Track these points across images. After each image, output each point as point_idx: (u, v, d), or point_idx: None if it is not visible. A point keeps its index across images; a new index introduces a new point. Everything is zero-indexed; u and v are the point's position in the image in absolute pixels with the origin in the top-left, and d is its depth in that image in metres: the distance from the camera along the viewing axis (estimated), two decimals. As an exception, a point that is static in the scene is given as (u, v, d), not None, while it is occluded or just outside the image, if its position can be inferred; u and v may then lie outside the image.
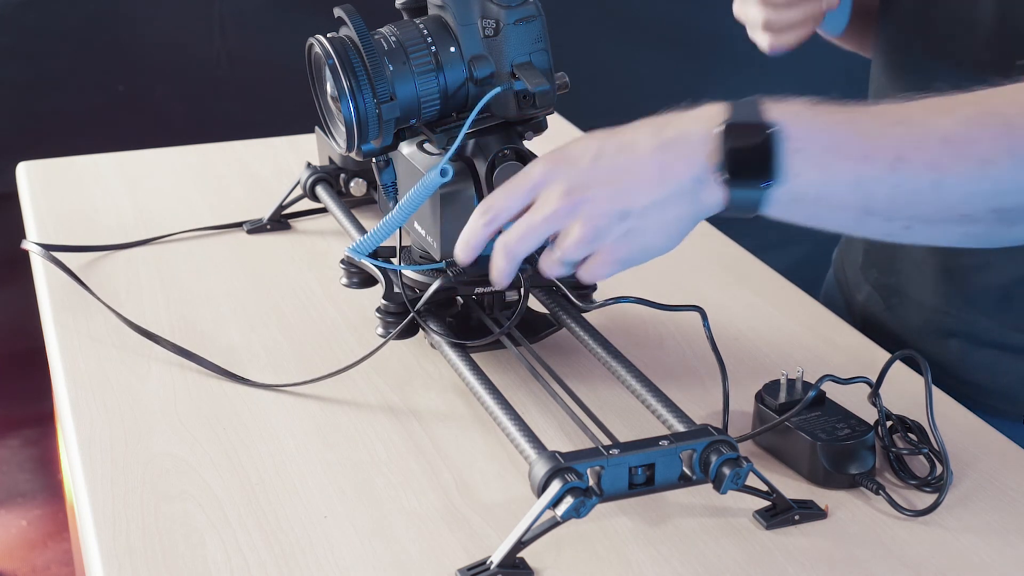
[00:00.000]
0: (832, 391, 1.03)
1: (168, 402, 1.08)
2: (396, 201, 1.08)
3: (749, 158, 0.82)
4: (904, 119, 0.84)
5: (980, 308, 1.18)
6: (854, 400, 1.03)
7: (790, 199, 0.83)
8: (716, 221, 1.12)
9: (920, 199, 0.83)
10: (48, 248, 1.32)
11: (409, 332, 1.10)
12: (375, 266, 1.11)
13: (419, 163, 1.07)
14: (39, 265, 1.32)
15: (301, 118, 1.58)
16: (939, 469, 0.98)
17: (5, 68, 2.57)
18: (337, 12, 1.02)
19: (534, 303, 1.15)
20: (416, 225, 1.11)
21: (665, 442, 0.88)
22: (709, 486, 0.90)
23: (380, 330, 1.11)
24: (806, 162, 0.83)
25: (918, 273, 1.22)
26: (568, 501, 0.84)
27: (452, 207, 1.05)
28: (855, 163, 0.83)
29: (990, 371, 1.18)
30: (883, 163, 0.82)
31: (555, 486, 0.85)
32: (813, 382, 1.01)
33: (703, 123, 0.84)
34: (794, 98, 0.85)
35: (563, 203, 0.85)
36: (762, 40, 1.20)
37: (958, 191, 0.83)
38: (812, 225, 0.86)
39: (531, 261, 1.07)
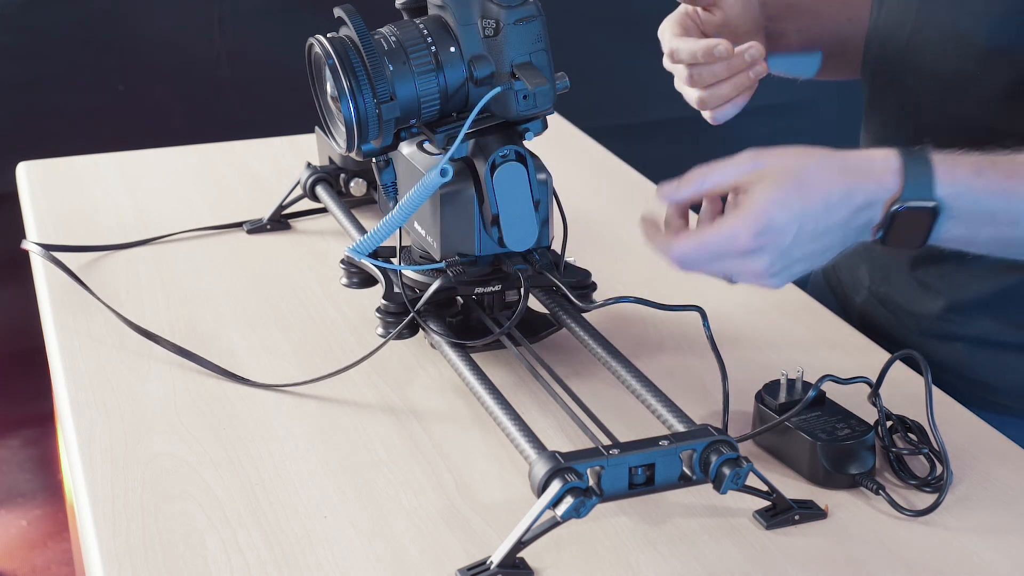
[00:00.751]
0: (832, 391, 1.02)
1: (168, 402, 1.08)
2: (396, 201, 1.08)
3: (909, 235, 0.95)
4: None
5: (979, 312, 1.18)
6: (854, 400, 1.03)
7: (934, 243, 0.96)
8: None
9: None
10: (48, 248, 1.32)
11: (409, 332, 1.10)
12: (375, 266, 1.11)
13: (419, 163, 1.07)
14: (39, 265, 1.32)
15: (301, 118, 1.58)
16: (939, 469, 0.98)
17: (5, 68, 2.57)
18: (337, 12, 1.02)
19: (534, 303, 1.15)
20: (416, 225, 1.11)
21: (665, 442, 0.88)
22: (709, 486, 0.90)
23: (380, 330, 1.11)
24: (958, 226, 0.95)
25: (910, 288, 1.22)
26: (568, 501, 0.84)
27: (452, 207, 1.05)
28: (1003, 227, 0.96)
29: (997, 370, 1.18)
30: None
31: (555, 486, 0.85)
32: (813, 382, 1.01)
33: (883, 191, 0.94)
34: (961, 156, 0.95)
35: (764, 271, 0.94)
36: (705, 113, 1.22)
37: None
38: None
39: (531, 262, 1.08)
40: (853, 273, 1.31)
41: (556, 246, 1.11)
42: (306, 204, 1.43)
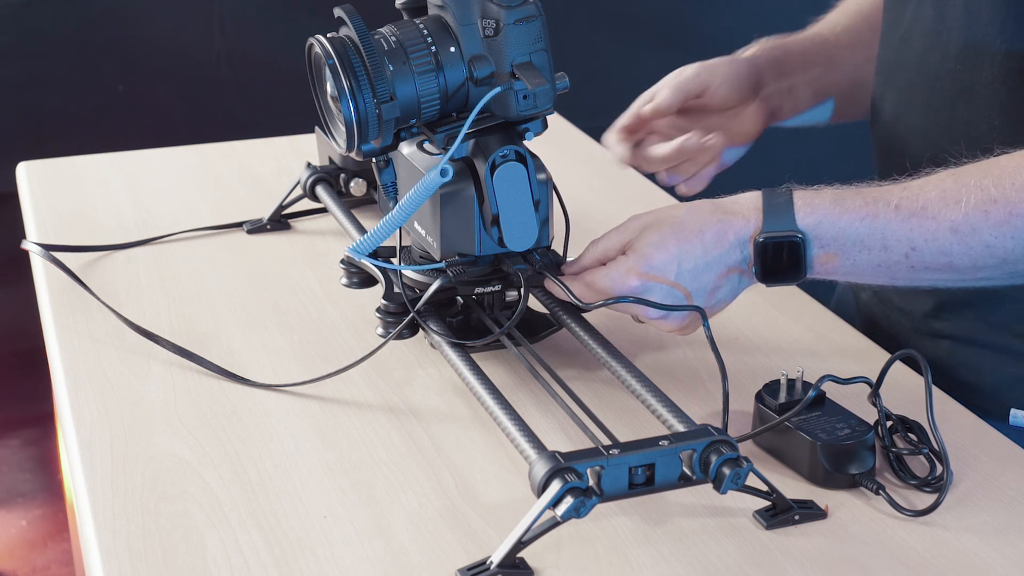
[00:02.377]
0: (832, 391, 1.02)
1: (168, 402, 1.08)
2: (396, 201, 1.08)
3: (781, 267, 1.01)
4: (919, 211, 0.99)
5: (965, 310, 1.19)
6: (854, 400, 1.03)
7: (820, 276, 1.03)
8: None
9: (936, 274, 1.00)
10: (48, 248, 1.32)
11: (409, 332, 1.10)
12: (375, 266, 1.11)
13: (419, 163, 1.07)
14: (39, 265, 1.32)
15: (301, 118, 1.58)
16: (939, 469, 0.98)
17: (5, 68, 2.57)
18: (337, 12, 1.02)
19: (534, 303, 1.15)
20: (416, 225, 1.11)
21: (665, 442, 0.88)
22: (709, 486, 0.90)
23: (380, 330, 1.11)
24: (832, 257, 1.01)
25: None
26: (568, 501, 0.84)
27: (452, 207, 1.05)
28: (876, 252, 1.00)
29: (976, 370, 1.19)
30: (899, 252, 0.99)
31: (555, 486, 0.85)
32: (813, 382, 1.01)
33: (749, 227, 1.01)
34: (822, 189, 1.02)
35: (658, 313, 1.03)
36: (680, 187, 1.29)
37: (968, 265, 0.99)
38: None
39: (531, 262, 1.08)
40: None
41: (557, 246, 1.11)
42: (306, 204, 1.43)
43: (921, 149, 1.16)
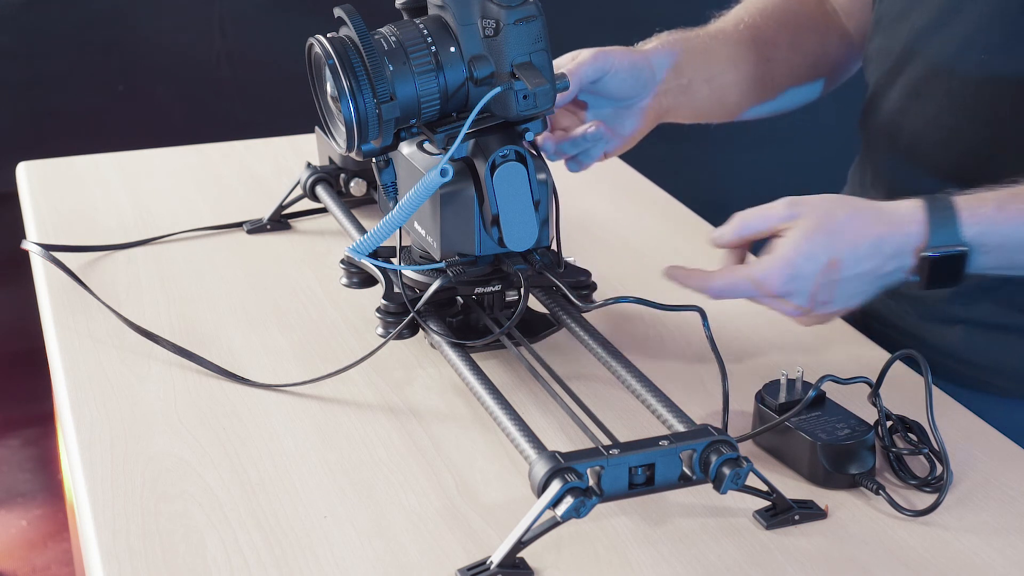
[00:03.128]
0: (832, 391, 1.02)
1: (168, 402, 1.08)
2: (396, 201, 1.08)
3: (944, 277, 1.01)
4: None
5: (983, 295, 1.19)
6: (854, 400, 1.03)
7: (974, 273, 1.03)
8: (714, 219, 1.12)
9: None
10: (48, 248, 1.32)
11: (409, 332, 1.10)
12: (375, 266, 1.11)
13: (419, 163, 1.07)
14: (39, 265, 1.32)
15: (301, 118, 1.58)
16: (939, 469, 0.98)
17: (5, 68, 2.57)
18: (337, 12, 1.02)
19: (534, 303, 1.15)
20: (416, 225, 1.11)
21: (665, 442, 0.88)
22: (709, 486, 0.90)
23: (380, 330, 1.11)
24: (992, 259, 1.02)
25: None
26: (568, 501, 0.84)
27: (452, 207, 1.05)
28: None
29: (995, 353, 1.19)
30: None
31: (555, 486, 0.85)
32: (813, 382, 1.01)
33: (910, 241, 1.01)
34: (983, 195, 1.01)
35: (791, 311, 1.04)
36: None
37: None
38: None
39: (530, 262, 1.08)
40: None
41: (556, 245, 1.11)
42: (306, 204, 1.43)
43: (928, 143, 1.16)
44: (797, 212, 1.01)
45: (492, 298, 1.11)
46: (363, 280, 1.16)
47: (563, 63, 1.16)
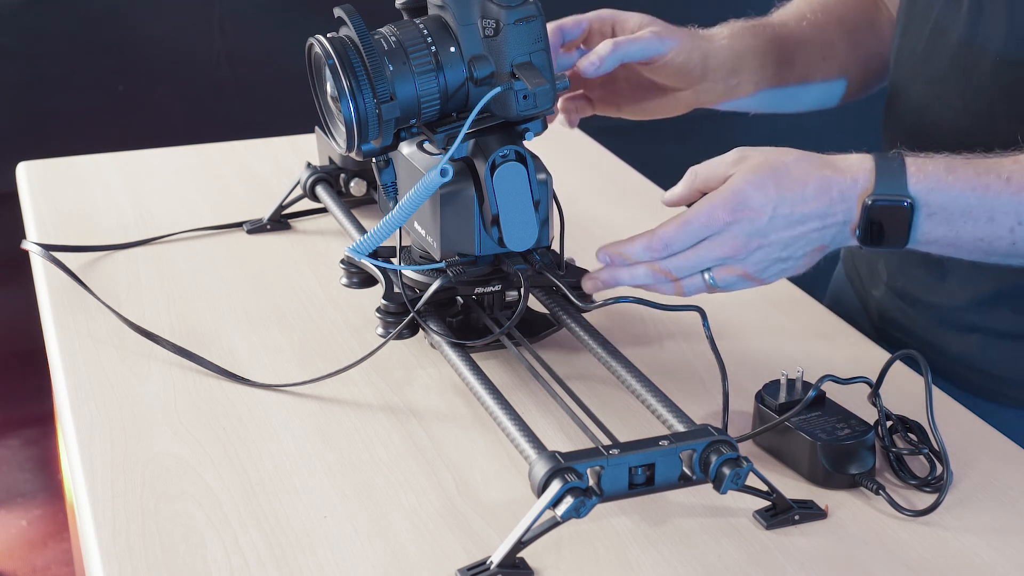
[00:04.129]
0: (832, 391, 1.02)
1: (168, 402, 1.08)
2: (396, 201, 1.08)
3: (885, 232, 0.99)
4: None
5: (1001, 304, 1.18)
6: (854, 400, 1.03)
7: (918, 248, 1.01)
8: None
9: None
10: (48, 248, 1.32)
11: (409, 332, 1.10)
12: (375, 266, 1.11)
13: (419, 163, 1.07)
14: (39, 265, 1.32)
15: (301, 118, 1.58)
16: (939, 469, 0.98)
17: (5, 68, 2.57)
18: (337, 12, 1.02)
19: (534, 303, 1.15)
20: (416, 225, 1.11)
21: (665, 442, 0.88)
22: (709, 486, 0.90)
23: (380, 330, 1.11)
24: (937, 225, 0.99)
25: (937, 279, 1.22)
26: (568, 501, 0.84)
27: (452, 207, 1.05)
28: (981, 225, 0.99)
29: (1011, 362, 1.18)
30: (1005, 226, 0.99)
31: (555, 486, 0.85)
32: (813, 382, 1.01)
33: (857, 187, 0.99)
34: (933, 156, 1.00)
35: (740, 248, 0.99)
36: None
37: None
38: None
39: (530, 262, 1.08)
40: (872, 267, 1.32)
41: (556, 245, 1.11)
42: (306, 204, 1.43)
43: (953, 137, 1.16)
44: (746, 155, 1.01)
45: (492, 298, 1.11)
46: (363, 280, 1.16)
47: (637, 34, 1.15)
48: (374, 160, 1.07)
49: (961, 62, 1.15)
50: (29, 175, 1.57)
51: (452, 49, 1.02)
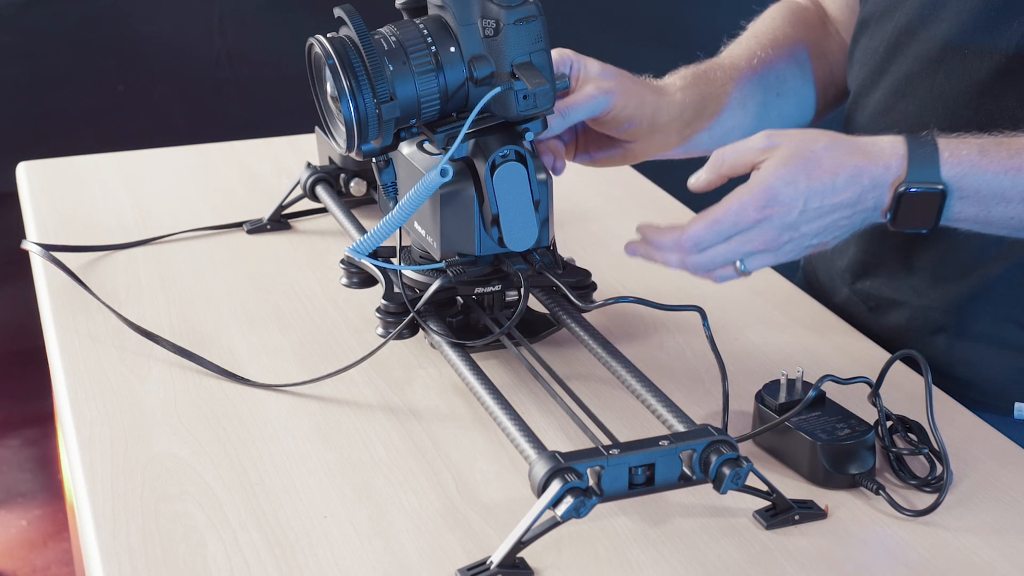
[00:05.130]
0: (832, 391, 1.02)
1: (168, 402, 1.08)
2: (396, 201, 1.08)
3: (918, 216, 0.99)
4: None
5: (970, 302, 1.18)
6: (854, 400, 1.03)
7: (949, 224, 1.01)
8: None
9: None
10: (48, 248, 1.32)
11: (409, 332, 1.10)
12: (375, 266, 1.11)
13: (419, 163, 1.07)
14: (39, 265, 1.32)
15: (301, 118, 1.58)
16: (939, 469, 0.98)
17: (5, 68, 2.57)
18: (337, 12, 1.02)
19: (534, 303, 1.15)
20: (416, 225, 1.11)
21: (665, 442, 0.88)
22: (709, 486, 0.90)
23: (380, 330, 1.11)
24: (968, 206, 1.00)
25: (906, 276, 1.22)
26: (568, 501, 0.84)
27: (452, 207, 1.05)
28: (1014, 205, 0.99)
29: (977, 365, 1.18)
30: None
31: (555, 486, 0.85)
32: (813, 382, 1.01)
33: (889, 174, 0.99)
34: (966, 139, 1.00)
35: (771, 242, 0.99)
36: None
37: None
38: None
39: (531, 262, 1.08)
40: (831, 276, 1.31)
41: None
42: (306, 204, 1.43)
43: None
44: (776, 142, 0.99)
45: (492, 298, 1.11)
46: (363, 280, 1.16)
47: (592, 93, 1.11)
48: (374, 160, 1.07)
49: (928, 57, 1.15)
50: (29, 175, 1.57)
51: (452, 49, 1.02)
